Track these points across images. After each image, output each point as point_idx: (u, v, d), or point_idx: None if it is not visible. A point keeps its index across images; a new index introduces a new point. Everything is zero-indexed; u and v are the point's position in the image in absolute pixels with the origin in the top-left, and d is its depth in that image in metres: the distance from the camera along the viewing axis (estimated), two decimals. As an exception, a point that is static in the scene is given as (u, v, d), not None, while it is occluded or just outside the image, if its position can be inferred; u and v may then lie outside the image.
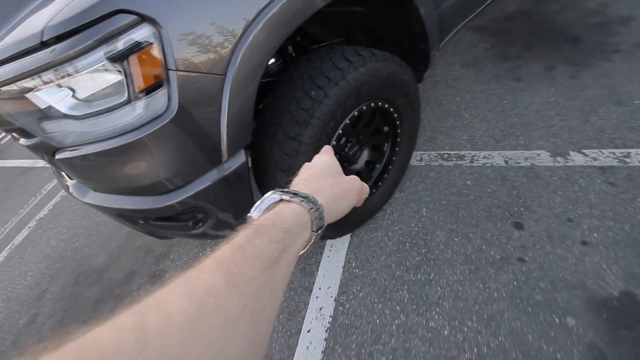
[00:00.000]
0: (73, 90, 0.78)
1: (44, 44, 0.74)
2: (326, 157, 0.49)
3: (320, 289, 1.45)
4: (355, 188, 0.45)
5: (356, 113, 1.22)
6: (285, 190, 0.38)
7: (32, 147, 0.98)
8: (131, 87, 0.76)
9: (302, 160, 1.08)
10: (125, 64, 0.74)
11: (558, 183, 1.51)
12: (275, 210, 0.35)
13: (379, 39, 1.49)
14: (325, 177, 0.44)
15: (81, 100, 0.79)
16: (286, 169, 1.09)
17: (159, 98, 0.78)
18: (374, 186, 1.54)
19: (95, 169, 0.91)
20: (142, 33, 0.72)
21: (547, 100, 1.87)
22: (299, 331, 1.32)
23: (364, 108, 1.24)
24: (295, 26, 0.99)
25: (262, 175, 1.19)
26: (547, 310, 1.18)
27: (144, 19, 0.72)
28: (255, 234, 0.30)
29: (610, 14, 2.25)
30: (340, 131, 1.20)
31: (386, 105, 1.32)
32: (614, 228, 1.31)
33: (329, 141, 1.16)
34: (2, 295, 1.97)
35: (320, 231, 0.37)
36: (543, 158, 1.62)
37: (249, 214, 0.37)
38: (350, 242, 1.57)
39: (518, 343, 1.12)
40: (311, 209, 0.36)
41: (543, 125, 1.76)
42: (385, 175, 1.55)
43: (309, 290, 1.43)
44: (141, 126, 0.80)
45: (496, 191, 1.56)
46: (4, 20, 0.89)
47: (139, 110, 0.78)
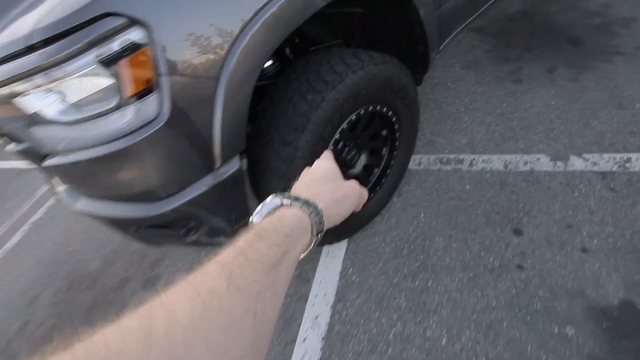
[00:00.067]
0: (62, 95, 0.76)
1: (32, 47, 0.71)
2: (326, 162, 0.49)
3: (316, 296, 1.43)
4: (355, 193, 0.46)
5: (354, 117, 1.20)
6: (286, 194, 0.39)
7: (21, 153, 0.96)
8: (121, 91, 0.74)
9: (298, 166, 1.06)
10: (115, 68, 0.71)
11: (558, 188, 1.49)
12: (276, 215, 0.36)
13: (378, 41, 1.47)
14: (325, 182, 0.44)
15: (70, 106, 0.77)
16: (282, 175, 1.07)
17: (151, 103, 0.76)
18: (372, 190, 1.52)
19: (86, 175, 0.89)
20: (132, 36, 0.70)
21: (547, 103, 1.85)
22: (294, 340, 1.30)
23: (362, 112, 1.22)
24: (294, 27, 0.96)
25: (258, 180, 1.17)
26: (546, 319, 1.16)
27: (134, 21, 0.69)
28: (257, 238, 0.31)
29: (611, 15, 2.23)
30: (338, 136, 1.18)
31: (385, 109, 1.30)
32: (614, 234, 1.29)
33: (326, 146, 1.14)
34: (-5, 299, 1.94)
35: (320, 235, 0.38)
36: (543, 162, 1.60)
37: (250, 218, 0.37)
38: (348, 248, 1.55)
39: (517, 353, 1.10)
40: (311, 213, 0.37)
41: (543, 129, 1.74)
42: (384, 180, 1.53)
43: (304, 297, 1.41)
44: (132, 132, 0.78)
45: (495, 196, 1.54)
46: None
47: (130, 115, 0.76)
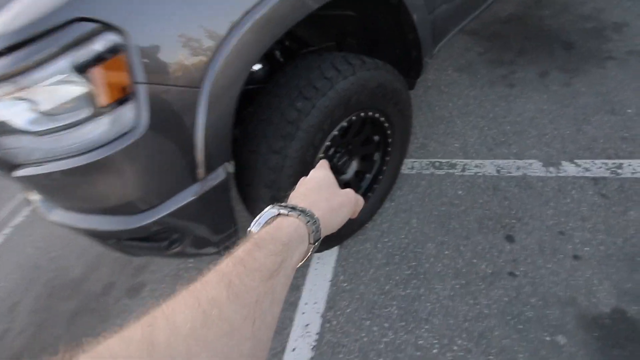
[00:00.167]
0: (32, 104, 0.71)
1: (-2, 53, 0.66)
2: (322, 172, 0.50)
3: (306, 304, 1.40)
4: (351, 201, 0.47)
5: (345, 124, 1.16)
6: (283, 204, 0.40)
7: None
8: (96, 100, 0.69)
9: (287, 174, 1.03)
10: (88, 75, 0.67)
11: (550, 194, 1.48)
12: (274, 224, 0.37)
13: (371, 45, 1.43)
14: (321, 191, 0.45)
15: (41, 115, 0.72)
16: (270, 184, 1.03)
17: (127, 113, 0.71)
18: (363, 196, 1.48)
19: (60, 187, 0.84)
20: (105, 43, 0.65)
21: (540, 108, 1.84)
22: (283, 349, 1.27)
23: (354, 118, 1.19)
24: (285, 30, 0.92)
25: (245, 189, 1.13)
26: (538, 327, 1.15)
27: (107, 27, 0.65)
28: (255, 247, 0.32)
29: (604, 19, 2.23)
30: (329, 143, 1.15)
31: (377, 115, 1.27)
32: (606, 242, 1.29)
33: (316, 154, 1.10)
34: (-26, 307, 1.87)
35: (317, 243, 0.39)
36: (535, 168, 1.59)
37: (248, 229, 0.38)
38: (339, 255, 1.52)
39: (509, 364, 1.09)
40: (308, 222, 0.38)
41: (536, 134, 1.73)
42: (375, 186, 1.50)
43: (294, 305, 1.38)
44: (108, 143, 0.73)
45: (488, 202, 1.53)
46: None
47: (105, 125, 0.72)
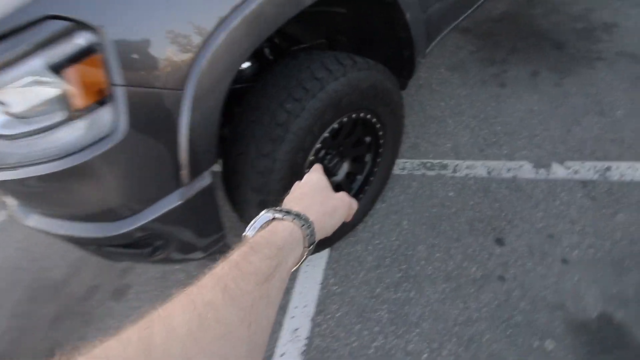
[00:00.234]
0: (2, 106, 0.66)
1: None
2: (316, 175, 0.51)
3: (296, 307, 1.38)
4: (345, 204, 0.47)
5: (336, 125, 1.14)
6: (278, 208, 0.40)
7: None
8: (70, 103, 0.65)
9: (276, 179, 1.00)
10: (61, 77, 0.63)
11: (540, 196, 1.49)
12: (269, 228, 0.37)
13: (362, 43, 1.40)
14: (315, 195, 0.46)
15: (12, 118, 0.67)
16: (259, 188, 1.00)
17: (104, 117, 0.67)
18: (354, 198, 1.46)
19: (36, 193, 0.80)
20: (79, 42, 0.61)
21: (531, 108, 1.84)
22: (272, 354, 1.25)
23: (345, 120, 1.16)
24: (275, 27, 0.88)
25: (233, 192, 1.09)
26: (527, 332, 1.15)
27: (80, 25, 0.60)
28: (251, 251, 0.32)
29: (594, 20, 2.23)
30: (319, 145, 1.12)
31: (368, 116, 1.24)
32: (595, 245, 1.30)
33: (306, 157, 1.07)
34: (-50, 310, 1.79)
35: (312, 247, 0.40)
36: (526, 170, 1.59)
37: (243, 233, 0.39)
38: (329, 257, 1.50)
39: (498, 368, 1.09)
40: (303, 226, 0.38)
41: (526, 135, 1.73)
42: (366, 187, 1.48)
43: (284, 309, 1.36)
44: (85, 148, 0.69)
45: (478, 204, 1.53)
46: None
47: (81, 130, 0.67)
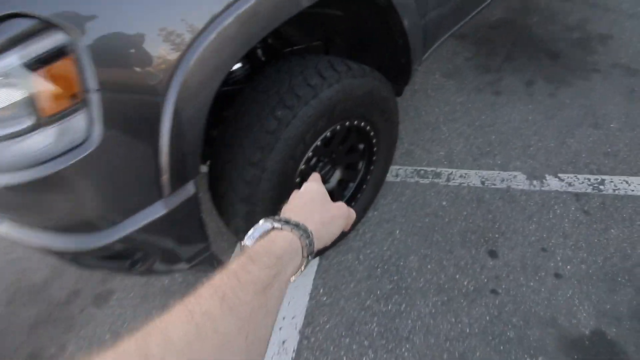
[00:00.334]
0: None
1: None
2: (314, 185, 0.50)
3: (284, 318, 1.33)
4: (343, 214, 0.48)
5: (329, 134, 1.10)
6: (277, 218, 0.40)
7: None
8: (38, 109, 0.59)
9: (264, 189, 0.95)
10: (29, 80, 0.57)
11: (533, 208, 1.47)
12: (267, 238, 0.37)
13: (358, 48, 1.36)
14: (314, 205, 0.46)
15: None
16: (246, 198, 0.95)
17: (77, 124, 0.62)
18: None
19: (5, 203, 0.74)
20: (48, 43, 0.55)
21: (525, 118, 1.83)
22: (258, 369, 1.20)
23: (338, 128, 1.12)
24: (271, 28, 0.83)
25: (220, 200, 1.05)
26: (519, 348, 1.13)
27: (50, 25, 0.55)
28: (249, 261, 0.32)
29: (589, 30, 2.24)
30: (310, 153, 1.07)
31: (362, 124, 1.21)
32: (587, 260, 1.28)
33: (297, 166, 1.03)
34: None
35: (310, 256, 0.40)
36: (519, 180, 1.58)
37: (242, 242, 0.39)
38: (319, 266, 1.46)
39: (489, 387, 1.07)
40: (302, 235, 0.39)
41: (520, 145, 1.72)
42: (359, 195, 1.44)
43: (271, 321, 1.32)
44: (56, 157, 0.64)
45: (472, 214, 1.50)
46: None
47: (51, 138, 0.62)
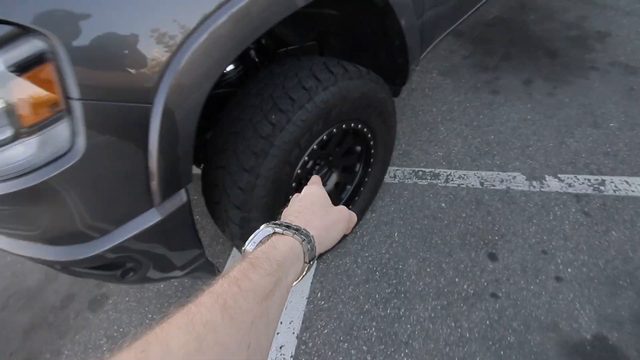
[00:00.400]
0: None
1: None
2: (315, 189, 0.50)
3: (281, 323, 1.31)
4: (344, 218, 0.47)
5: (325, 137, 1.07)
6: (278, 223, 0.40)
7: None
8: (18, 119, 0.57)
9: (258, 195, 0.93)
10: (7, 89, 0.54)
11: (533, 210, 1.45)
12: (268, 243, 0.37)
13: (354, 49, 1.34)
14: (315, 209, 0.45)
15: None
16: (240, 206, 0.93)
17: (59, 134, 0.59)
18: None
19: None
20: (25, 50, 0.53)
21: (524, 118, 1.81)
22: (255, 377, 1.18)
23: (334, 131, 1.09)
24: (265, 29, 0.81)
25: (214, 206, 1.02)
26: (519, 354, 1.12)
27: (28, 31, 0.52)
28: (250, 267, 0.31)
29: (587, 28, 2.22)
30: (306, 158, 1.05)
31: (359, 126, 1.18)
32: (588, 263, 1.27)
33: (293, 172, 1.00)
34: None
35: (312, 262, 0.39)
36: (519, 181, 1.56)
37: (243, 247, 0.38)
38: (317, 269, 1.44)
39: (490, 393, 1.05)
40: (303, 240, 0.38)
41: (519, 145, 1.70)
42: (357, 198, 1.42)
43: (268, 327, 1.30)
44: (38, 168, 0.61)
45: (471, 216, 1.49)
46: None
47: (33, 148, 0.59)
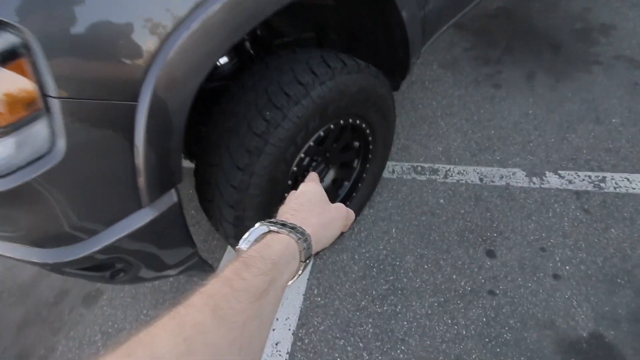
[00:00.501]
0: None
1: None
2: (312, 186, 0.48)
3: (277, 319, 1.30)
4: (342, 215, 0.46)
5: (322, 133, 1.04)
6: (273, 220, 0.38)
7: None
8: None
9: (252, 194, 0.90)
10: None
11: (533, 207, 1.44)
12: (263, 242, 0.36)
13: (353, 40, 1.29)
14: (312, 206, 0.44)
15: None
16: (234, 204, 0.90)
17: (38, 134, 0.56)
18: (342, 204, 1.38)
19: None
20: (-2, 45, 0.49)
21: (525, 112, 1.77)
22: (250, 374, 1.18)
23: (332, 127, 1.06)
24: (260, 19, 0.77)
25: (207, 205, 0.99)
26: (515, 351, 1.11)
27: None
28: (244, 266, 0.30)
29: (591, 20, 2.17)
30: (302, 155, 1.02)
31: (357, 122, 1.15)
32: (586, 261, 1.26)
33: (288, 170, 0.98)
34: None
35: (308, 261, 0.38)
36: (519, 177, 1.54)
37: (237, 246, 0.36)
38: (314, 266, 1.43)
39: (485, 391, 1.05)
40: (299, 239, 0.37)
41: (520, 140, 1.67)
42: (355, 194, 1.39)
43: (264, 324, 1.29)
44: (18, 169, 0.58)
45: (469, 212, 1.47)
46: None
47: (10, 149, 0.56)
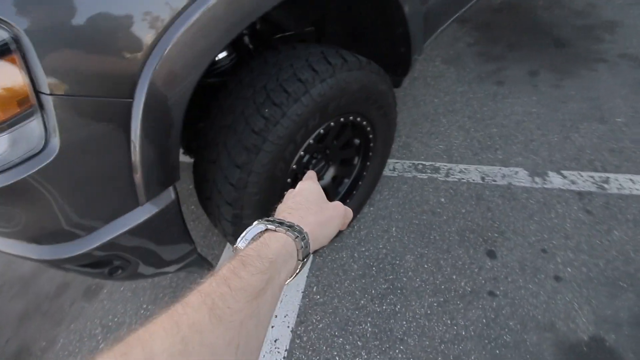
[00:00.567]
0: None
1: None
2: (310, 184, 0.48)
3: (276, 316, 1.30)
4: (340, 213, 0.46)
5: (322, 131, 1.02)
6: (271, 219, 0.38)
7: None
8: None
9: (251, 192, 0.89)
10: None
11: (535, 207, 1.42)
12: (260, 240, 0.35)
13: (354, 36, 1.27)
14: (309, 205, 0.44)
15: None
16: (232, 202, 0.89)
17: (31, 131, 0.55)
18: (341, 202, 1.37)
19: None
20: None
21: (528, 111, 1.75)
22: (248, 371, 1.18)
23: (332, 124, 1.05)
24: (260, 12, 0.75)
25: (206, 202, 0.98)
26: (515, 353, 1.11)
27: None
28: (241, 265, 0.30)
29: (596, 16, 2.13)
30: (302, 153, 1.01)
31: (358, 119, 1.13)
32: (588, 263, 1.25)
33: (288, 168, 0.96)
34: None
35: (306, 259, 0.38)
36: (521, 177, 1.52)
37: (234, 245, 0.36)
38: (313, 263, 1.42)
39: (483, 393, 1.05)
40: (297, 237, 0.37)
41: (523, 139, 1.65)
42: (355, 192, 1.38)
43: (262, 322, 1.28)
44: (13, 167, 0.57)
45: (470, 212, 1.45)
46: None
47: (3, 146, 0.55)
